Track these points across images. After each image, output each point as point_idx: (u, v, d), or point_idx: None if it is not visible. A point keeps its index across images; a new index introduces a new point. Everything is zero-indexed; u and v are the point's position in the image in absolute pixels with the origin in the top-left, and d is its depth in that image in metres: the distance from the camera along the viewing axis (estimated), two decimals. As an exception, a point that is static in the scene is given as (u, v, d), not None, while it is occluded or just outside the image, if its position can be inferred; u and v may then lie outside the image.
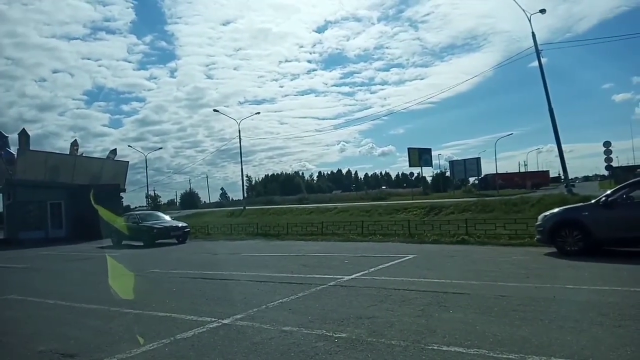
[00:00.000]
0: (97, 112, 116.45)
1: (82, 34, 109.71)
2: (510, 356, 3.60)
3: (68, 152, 31.50)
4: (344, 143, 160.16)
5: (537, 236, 9.83)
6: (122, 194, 30.66)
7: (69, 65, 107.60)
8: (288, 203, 48.09)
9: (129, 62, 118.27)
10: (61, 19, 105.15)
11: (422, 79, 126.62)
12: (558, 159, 23.76)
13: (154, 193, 67.19)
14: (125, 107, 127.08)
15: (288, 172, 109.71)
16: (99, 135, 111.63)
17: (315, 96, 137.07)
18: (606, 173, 39.97)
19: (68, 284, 9.42)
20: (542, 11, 22.40)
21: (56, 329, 5.37)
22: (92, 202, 3.73)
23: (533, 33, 22.05)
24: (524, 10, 22.03)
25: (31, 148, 29.50)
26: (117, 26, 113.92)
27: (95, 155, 38.46)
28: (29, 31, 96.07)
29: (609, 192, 9.20)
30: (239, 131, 37.76)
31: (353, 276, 7.90)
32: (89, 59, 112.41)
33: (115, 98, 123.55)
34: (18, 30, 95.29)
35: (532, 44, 22.21)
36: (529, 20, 21.96)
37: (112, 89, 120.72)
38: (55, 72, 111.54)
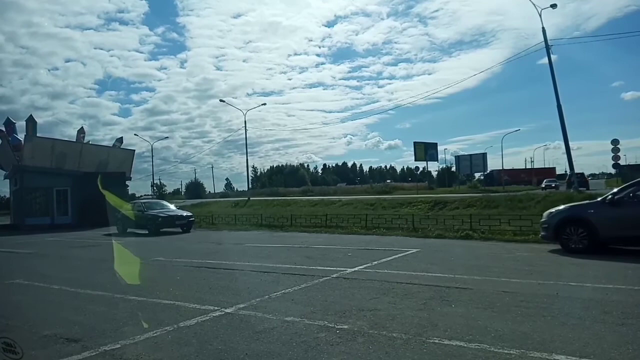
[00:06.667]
0: (108, 101, 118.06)
1: (95, 24, 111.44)
2: (511, 352, 3.60)
3: (75, 140, 31.68)
4: (351, 136, 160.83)
5: (542, 233, 9.78)
6: (127, 182, 30.83)
7: (82, 54, 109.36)
8: (292, 195, 48.12)
9: (141, 52, 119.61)
10: (76, 9, 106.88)
11: (429, 74, 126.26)
12: (565, 156, 23.62)
13: (160, 182, 67.33)
14: (135, 97, 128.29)
15: (293, 164, 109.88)
16: (109, 123, 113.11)
17: (323, 89, 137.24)
18: (613, 171, 39.55)
19: (73, 270, 9.51)
20: (553, 6, 22.09)
21: (61, 314, 5.43)
22: (100, 187, 3.73)
23: (543, 28, 21.85)
24: (534, 5, 21.82)
25: (41, 135, 29.70)
26: (130, 17, 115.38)
27: (104, 143, 38.46)
28: (44, 21, 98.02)
29: (615, 190, 9.13)
30: (245, 122, 37.82)
31: (356, 269, 7.91)
32: (101, 49, 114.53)
33: (125, 87, 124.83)
34: (34, 20, 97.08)
35: (540, 41, 22.05)
36: (540, 15, 21.76)
37: (122, 78, 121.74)
38: (68, 61, 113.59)
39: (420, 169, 58.03)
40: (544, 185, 40.79)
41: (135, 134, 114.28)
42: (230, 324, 4.69)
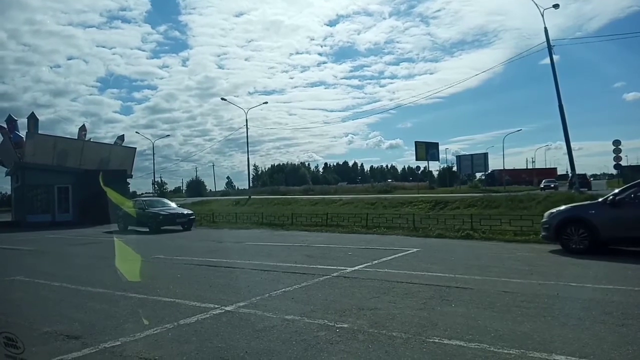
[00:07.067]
0: (109, 98, 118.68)
1: (98, 22, 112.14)
2: (511, 351, 3.60)
3: (76, 137, 31.70)
4: (352, 135, 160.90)
5: (543, 233, 9.78)
6: (128, 180, 30.84)
7: (84, 52, 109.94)
8: (293, 193, 48.12)
9: (143, 50, 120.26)
10: (78, 7, 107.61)
11: (431, 74, 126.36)
12: (566, 157, 23.60)
13: (161, 180, 67.42)
14: (137, 95, 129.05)
15: (295, 163, 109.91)
16: (110, 121, 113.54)
17: (325, 88, 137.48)
18: (615, 172, 39.39)
19: (74, 267, 9.53)
20: (556, 6, 22.04)
21: (61, 311, 5.44)
22: (101, 184, 3.73)
23: (545, 28, 21.85)
24: (536, 5, 21.78)
25: (42, 132, 29.75)
26: (133, 15, 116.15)
27: (106, 141, 38.67)
28: (46, 19, 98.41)
29: (616, 190, 9.12)
30: (246, 120, 37.83)
31: (356, 268, 7.91)
32: (103, 47, 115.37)
33: (127, 85, 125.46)
34: (36, 17, 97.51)
35: (542, 41, 22.04)
36: (542, 15, 21.74)
37: (124, 76, 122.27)
38: (70, 58, 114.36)
39: (422, 168, 58.23)
40: (542, 186, 40.22)
41: (136, 132, 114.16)
42: (231, 322, 4.70)
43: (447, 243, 11.69)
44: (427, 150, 53.05)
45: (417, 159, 54.75)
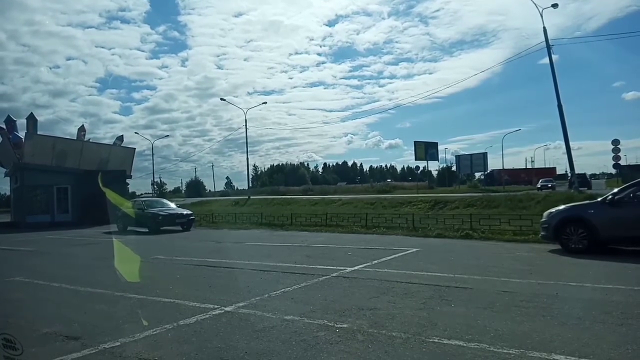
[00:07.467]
0: (109, 99, 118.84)
1: (97, 22, 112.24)
2: (510, 351, 3.60)
3: (75, 138, 31.67)
4: (351, 135, 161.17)
5: (542, 233, 9.78)
6: (128, 180, 30.81)
7: (83, 53, 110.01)
8: (293, 194, 48.09)
9: (142, 51, 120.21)
10: (78, 8, 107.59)
11: (430, 74, 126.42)
12: (565, 156, 23.62)
13: (160, 180, 67.48)
14: (136, 95, 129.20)
15: (294, 163, 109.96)
16: (109, 122, 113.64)
17: (324, 88, 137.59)
18: (614, 171, 39.28)
19: (73, 268, 9.52)
20: (555, 6, 22.02)
21: (61, 312, 5.44)
22: (101, 184, 3.74)
23: (544, 28, 21.83)
24: (535, 5, 21.79)
25: (42, 133, 29.71)
26: (132, 16, 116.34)
27: (105, 141, 38.63)
28: (46, 19, 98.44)
29: (615, 190, 9.13)
30: (245, 121, 37.82)
31: (356, 268, 7.91)
32: (102, 47, 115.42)
33: (126, 86, 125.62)
34: (36, 18, 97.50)
35: (541, 41, 22.05)
36: (541, 15, 21.73)
37: (124, 77, 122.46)
38: (69, 59, 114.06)
39: (421, 168, 58.14)
40: (539, 186, 39.32)
41: (135, 132, 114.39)
42: (230, 323, 4.70)
43: (446, 243, 11.70)
44: (427, 150, 53.05)
45: (416, 159, 54.77)
